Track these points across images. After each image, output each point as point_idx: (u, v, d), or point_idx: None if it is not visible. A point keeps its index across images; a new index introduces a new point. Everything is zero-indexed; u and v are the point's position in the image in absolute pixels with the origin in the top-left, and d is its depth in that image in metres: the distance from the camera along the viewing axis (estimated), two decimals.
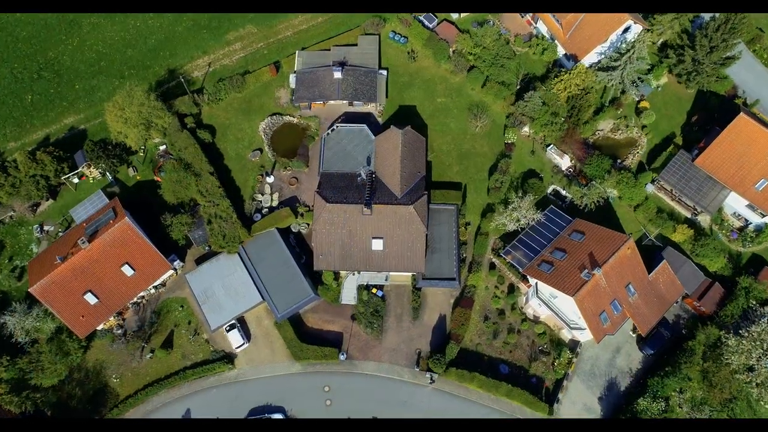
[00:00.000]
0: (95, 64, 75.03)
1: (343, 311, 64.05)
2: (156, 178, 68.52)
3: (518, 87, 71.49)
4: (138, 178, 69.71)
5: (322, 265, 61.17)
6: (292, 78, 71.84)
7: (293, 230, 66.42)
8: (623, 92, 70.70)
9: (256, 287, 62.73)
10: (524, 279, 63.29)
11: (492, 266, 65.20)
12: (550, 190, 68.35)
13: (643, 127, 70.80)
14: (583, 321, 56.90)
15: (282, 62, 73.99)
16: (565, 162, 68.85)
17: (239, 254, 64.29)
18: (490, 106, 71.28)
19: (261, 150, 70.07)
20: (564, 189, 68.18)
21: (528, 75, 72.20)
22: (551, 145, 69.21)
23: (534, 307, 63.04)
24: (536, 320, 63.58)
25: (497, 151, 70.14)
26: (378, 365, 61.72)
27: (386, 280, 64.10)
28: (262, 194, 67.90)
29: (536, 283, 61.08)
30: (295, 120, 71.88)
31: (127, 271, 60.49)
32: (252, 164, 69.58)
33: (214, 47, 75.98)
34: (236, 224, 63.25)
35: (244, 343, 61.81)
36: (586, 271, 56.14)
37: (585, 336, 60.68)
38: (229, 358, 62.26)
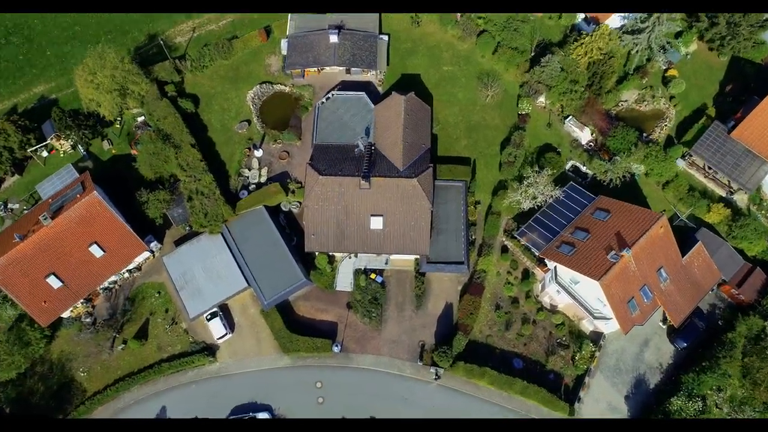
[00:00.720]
0: (69, 29, 68.60)
1: (338, 299, 57.42)
2: (132, 151, 61.99)
3: (533, 54, 64.75)
4: (114, 152, 63.16)
5: (314, 245, 54.52)
6: (283, 43, 65.25)
7: (283, 209, 59.80)
8: (649, 59, 63.92)
9: (241, 271, 56.15)
10: (541, 263, 56.56)
11: (504, 249, 58.48)
12: (568, 165, 61.63)
13: (671, 97, 64.01)
14: (609, 309, 50.22)
15: (273, 27, 67.36)
16: (585, 135, 62.10)
17: (222, 235, 57.72)
18: (501, 74, 64.61)
19: (249, 121, 63.51)
20: (584, 165, 61.47)
21: (543, 41, 65.44)
22: (570, 117, 62.47)
23: (551, 295, 56.30)
24: (554, 310, 56.87)
25: (510, 123, 63.45)
26: (376, 359, 55.06)
27: (386, 264, 57.42)
28: (250, 169, 61.33)
29: (555, 268, 54.38)
30: (287, 89, 65.30)
31: (96, 251, 53.96)
32: (239, 137, 63.03)
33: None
34: (219, 201, 56.69)
35: (226, 334, 55.24)
36: (614, 252, 49.41)
37: (609, 327, 53.97)
38: (210, 350, 55.68)
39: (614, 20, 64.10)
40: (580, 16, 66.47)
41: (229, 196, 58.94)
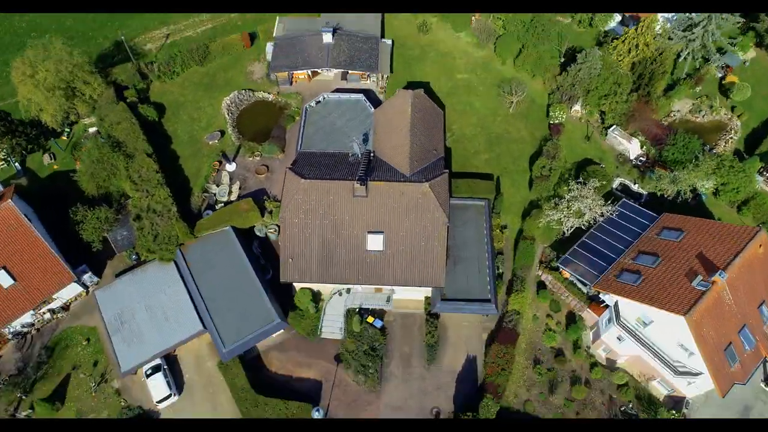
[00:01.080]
0: (25, 35, 59.37)
1: (324, 349, 43.32)
2: (77, 163, 50.38)
3: (562, 60, 54.64)
4: (55, 167, 51.60)
5: (292, 274, 41.25)
6: (269, 47, 55.55)
7: (258, 234, 47.13)
8: (706, 60, 53.53)
9: (196, 310, 42.57)
10: (593, 302, 42.91)
11: (541, 286, 45.01)
12: (616, 184, 49.43)
13: (733, 108, 53.02)
14: (698, 360, 36.05)
15: (258, 32, 58.10)
16: (634, 148, 50.45)
17: (176, 263, 44.70)
18: (526, 82, 54.07)
19: (222, 132, 52.37)
20: (635, 183, 49.32)
21: (573, 47, 55.48)
22: (614, 127, 51.13)
23: (609, 344, 42.08)
24: (613, 366, 42.45)
25: (539, 135, 52.12)
26: None
27: (388, 302, 43.76)
28: (218, 185, 49.36)
29: (615, 305, 40.65)
30: (271, 97, 54.75)
31: (4, 279, 40.83)
32: (209, 149, 51.64)
33: (175, 16, 60.59)
34: (174, 219, 44.18)
35: (171, 395, 40.73)
36: (700, 278, 35.98)
37: (694, 388, 39.36)
38: (148, 416, 40.87)
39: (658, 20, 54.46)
40: (616, 18, 57.22)
41: (189, 216, 46.59)
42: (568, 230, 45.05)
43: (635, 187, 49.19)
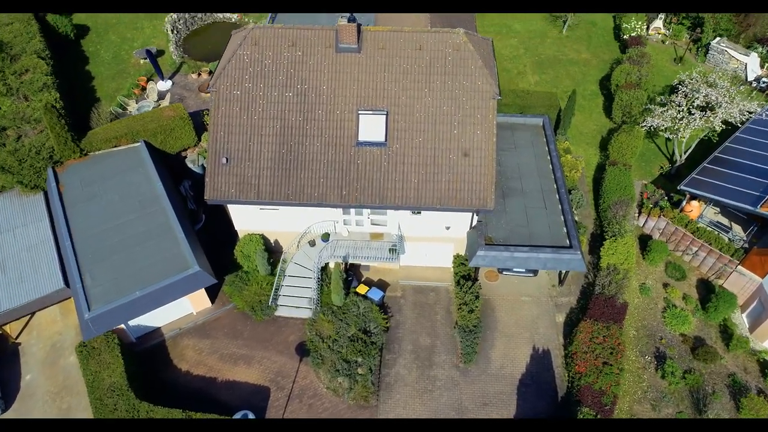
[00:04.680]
0: None
1: (278, 335, 24.65)
2: None
3: None
4: None
5: (224, 188, 23.49)
6: None
7: (191, 166, 30.12)
8: None
9: (60, 260, 24.54)
10: (748, 255, 24.76)
11: (643, 244, 27.07)
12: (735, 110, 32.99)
13: None
14: None
15: None
16: (752, 64, 34.73)
17: (46, 193, 27.36)
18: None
19: (162, 52, 37.13)
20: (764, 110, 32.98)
21: None
22: (718, 39, 35.81)
23: None
24: None
25: (608, 58, 36.81)
26: None
27: (393, 256, 25.55)
28: (138, 101, 33.16)
29: None
30: (236, 18, 40.21)
31: None
32: (137, 69, 36.09)
33: None
34: (56, 126, 27.07)
35: None
36: None
37: None
38: None
39: None
40: None
41: (82, 128, 29.75)
42: (682, 154, 28.16)
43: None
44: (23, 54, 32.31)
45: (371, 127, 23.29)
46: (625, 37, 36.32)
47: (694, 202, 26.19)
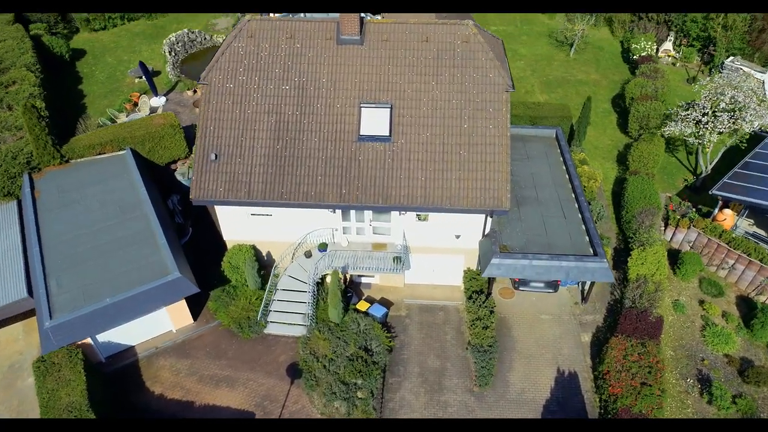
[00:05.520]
0: None
1: (267, 354, 21.75)
2: None
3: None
4: None
5: (212, 187, 21.34)
6: None
7: (181, 179, 28.17)
8: None
9: (25, 267, 22.04)
10: None
11: (672, 255, 24.63)
12: (756, 126, 31.35)
13: None
14: None
15: None
16: None
17: (19, 200, 25.23)
18: (586, 33, 39.17)
19: (159, 73, 36.05)
20: None
21: None
22: (732, 58, 34.74)
23: None
24: None
25: (618, 78, 35.65)
26: None
27: (397, 266, 23.00)
28: (128, 115, 31.60)
29: None
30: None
31: None
32: (131, 87, 34.87)
33: None
34: (36, 130, 25.34)
35: None
36: None
37: None
38: None
39: None
40: None
41: (65, 136, 27.94)
42: (707, 164, 26.28)
43: None
44: (12, 67, 31.12)
45: (374, 122, 21.44)
46: (634, 57, 35.33)
47: (727, 210, 23.98)
